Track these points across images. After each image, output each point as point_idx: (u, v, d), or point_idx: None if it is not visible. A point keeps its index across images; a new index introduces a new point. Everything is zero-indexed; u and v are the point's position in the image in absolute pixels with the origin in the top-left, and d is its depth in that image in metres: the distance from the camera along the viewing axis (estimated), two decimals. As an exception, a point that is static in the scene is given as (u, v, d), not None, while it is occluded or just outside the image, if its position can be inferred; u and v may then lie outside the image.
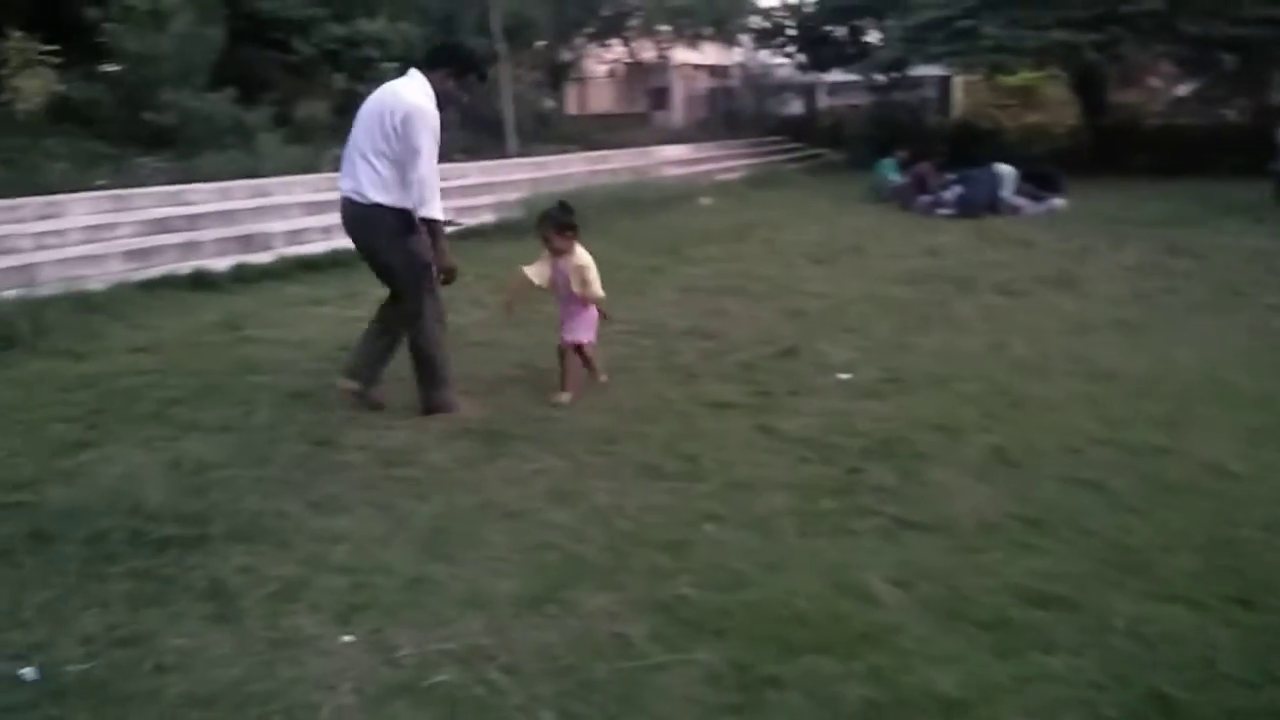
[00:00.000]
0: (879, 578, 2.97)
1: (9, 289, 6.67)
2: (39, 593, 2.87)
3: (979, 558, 3.13)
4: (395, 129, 4.19)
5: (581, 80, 26.49)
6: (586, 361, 4.95)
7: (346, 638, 2.68)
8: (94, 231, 8.38)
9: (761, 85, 27.35)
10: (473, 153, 14.12)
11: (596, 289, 4.73)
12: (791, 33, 24.22)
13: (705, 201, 13.90)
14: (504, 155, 14.64)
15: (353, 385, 4.61)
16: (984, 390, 4.89)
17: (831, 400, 4.77)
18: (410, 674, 2.52)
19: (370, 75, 13.89)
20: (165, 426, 4.38)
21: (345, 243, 8.51)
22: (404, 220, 4.32)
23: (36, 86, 11.51)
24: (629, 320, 6.45)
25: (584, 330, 4.83)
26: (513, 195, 11.77)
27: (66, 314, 6.35)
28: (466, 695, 2.43)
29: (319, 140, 12.21)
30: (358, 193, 4.32)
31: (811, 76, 25.63)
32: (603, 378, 5.01)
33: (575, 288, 4.72)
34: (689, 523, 3.41)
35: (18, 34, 11.42)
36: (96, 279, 7.38)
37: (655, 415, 4.56)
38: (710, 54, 26.17)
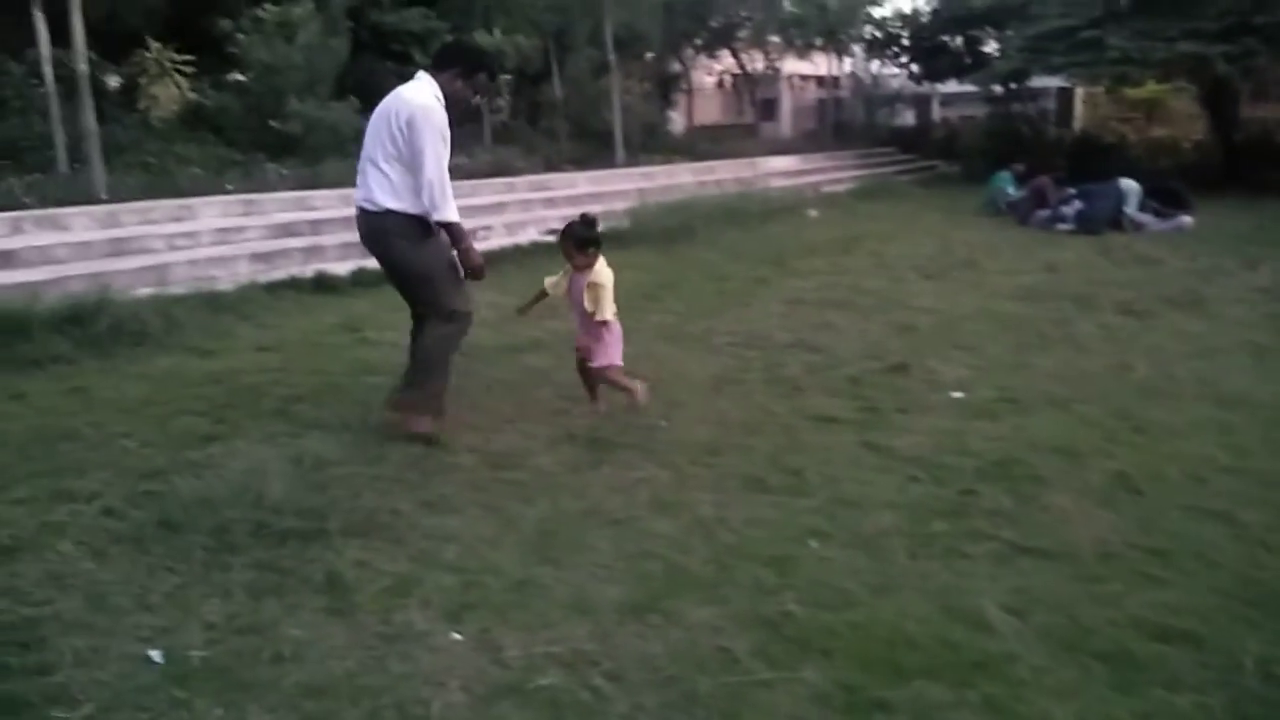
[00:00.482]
0: (993, 604, 2.87)
1: (143, 288, 7.05)
2: (167, 579, 3.02)
3: (1099, 587, 2.99)
4: (401, 131, 4.07)
5: (689, 91, 26.59)
6: (617, 385, 4.66)
7: (456, 635, 2.74)
8: (223, 234, 8.80)
9: (873, 96, 26.96)
10: (581, 163, 14.32)
11: (604, 309, 4.48)
12: (905, 43, 23.81)
13: (812, 213, 13.75)
14: (612, 165, 14.79)
15: (396, 417, 4.35)
16: (1105, 413, 4.69)
17: (943, 419, 4.65)
18: (517, 675, 2.55)
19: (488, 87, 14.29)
20: (288, 423, 4.55)
21: (498, 242, 8.68)
22: (419, 225, 4.17)
23: (172, 95, 12.17)
24: (735, 332, 6.43)
25: (607, 353, 4.57)
26: (619, 205, 11.87)
27: (196, 312, 6.67)
28: (571, 700, 2.44)
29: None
30: (369, 200, 4.17)
31: (925, 87, 25.14)
32: (639, 397, 4.64)
33: (588, 305, 4.50)
34: (793, 538, 3.37)
35: (155, 45, 12.09)
36: (225, 279, 7.74)
37: (759, 428, 4.52)
38: (821, 64, 25.93)
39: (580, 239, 4.50)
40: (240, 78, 12.81)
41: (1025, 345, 6.10)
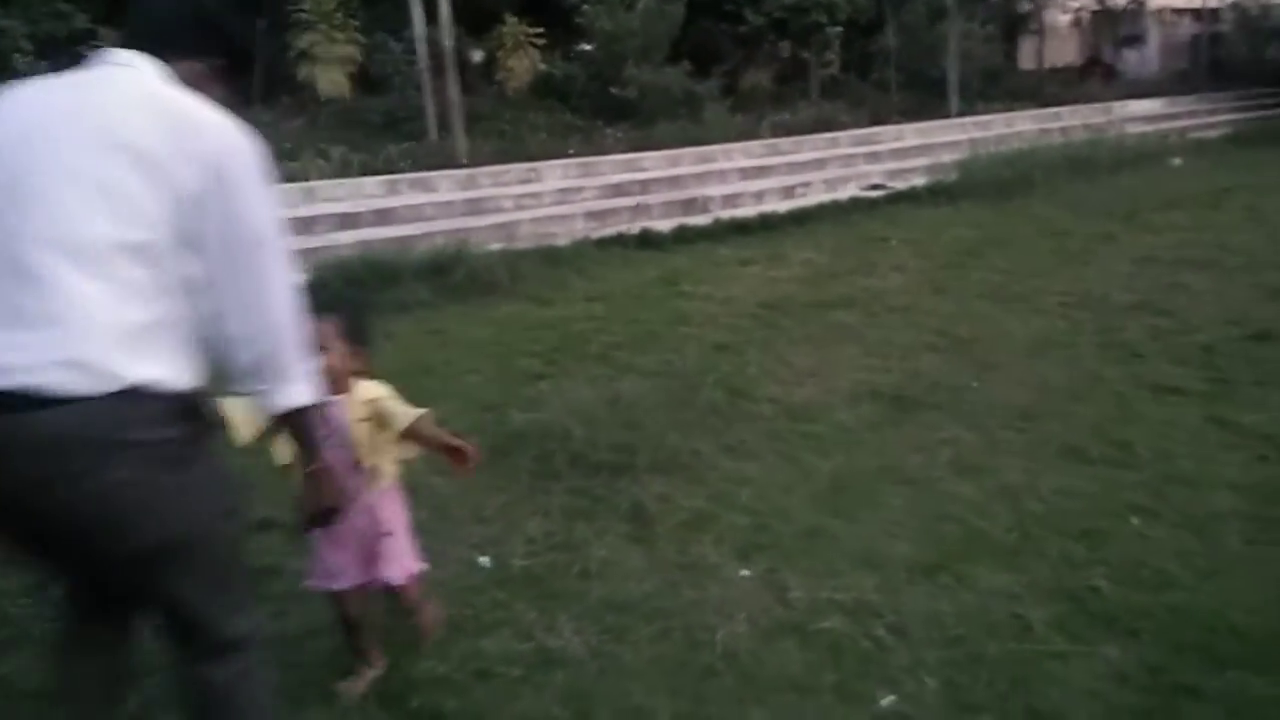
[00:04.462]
0: (1348, 603, 2.51)
1: (494, 243, 7.83)
2: (497, 497, 3.41)
3: None
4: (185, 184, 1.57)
5: (1040, 31, 24.57)
6: (416, 608, 2.56)
7: (744, 572, 2.86)
8: (563, 194, 9.51)
9: (1260, 28, 23.28)
10: (911, 114, 13.77)
11: (386, 451, 2.32)
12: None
13: (1176, 162, 12.27)
14: (944, 115, 14.09)
15: None
16: None
17: (1312, 395, 4.05)
18: (800, 615, 2.63)
19: (816, 41, 14.13)
20: (607, 367, 4.91)
21: (773, 206, 8.70)
22: (186, 428, 1.61)
23: (525, 66, 13.22)
24: (1068, 292, 5.96)
25: (398, 553, 2.38)
26: (949, 157, 11.32)
27: (537, 266, 7.30)
28: (852, 646, 2.48)
29: (759, 108, 12.69)
30: (54, 367, 1.47)
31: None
32: (435, 620, 2.61)
33: (361, 446, 2.27)
34: (1112, 513, 3.13)
35: (512, 20, 13.19)
36: (562, 236, 8.39)
37: (1085, 395, 4.20)
38: (1198, -6, 22.82)
39: (357, 327, 2.27)
40: (585, 47, 13.63)
41: None
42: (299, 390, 1.68)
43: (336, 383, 2.15)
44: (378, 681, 2.39)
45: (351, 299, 2.27)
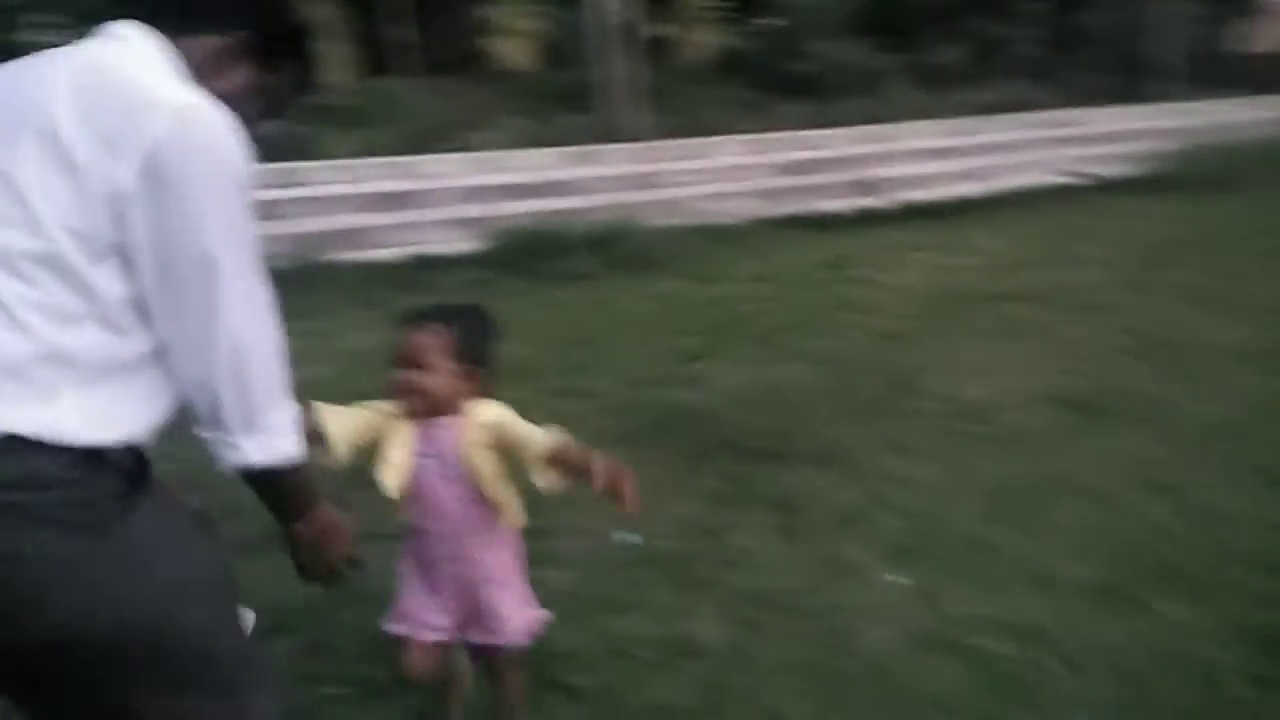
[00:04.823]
0: None
1: (662, 219, 7.79)
2: (647, 474, 3.34)
3: None
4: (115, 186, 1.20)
5: (1257, 13, 22.38)
6: (502, 669, 2.07)
7: (895, 578, 2.71)
8: (735, 171, 9.38)
9: None
10: (1113, 97, 12.82)
11: (543, 445, 1.81)
12: None
13: None
14: (1149, 99, 13.04)
15: None
16: None
17: None
18: (954, 630, 2.46)
19: (1014, 12, 13.33)
20: (768, 350, 4.78)
21: (956, 190, 8.30)
22: (109, 485, 1.23)
23: (707, 41, 13.13)
24: (1277, 299, 5.38)
25: (509, 610, 1.95)
26: (1151, 145, 10.46)
27: (703, 243, 7.23)
28: (1011, 670, 2.30)
29: (947, 86, 12.11)
30: None
31: None
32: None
33: (485, 488, 1.87)
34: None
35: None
36: (732, 214, 8.26)
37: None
38: None
39: (471, 344, 1.85)
40: (772, 21, 13.41)
41: None
42: (269, 446, 1.30)
43: (440, 407, 1.82)
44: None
45: (467, 310, 1.92)
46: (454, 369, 1.81)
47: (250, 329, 1.27)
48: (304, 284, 5.53)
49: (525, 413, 1.90)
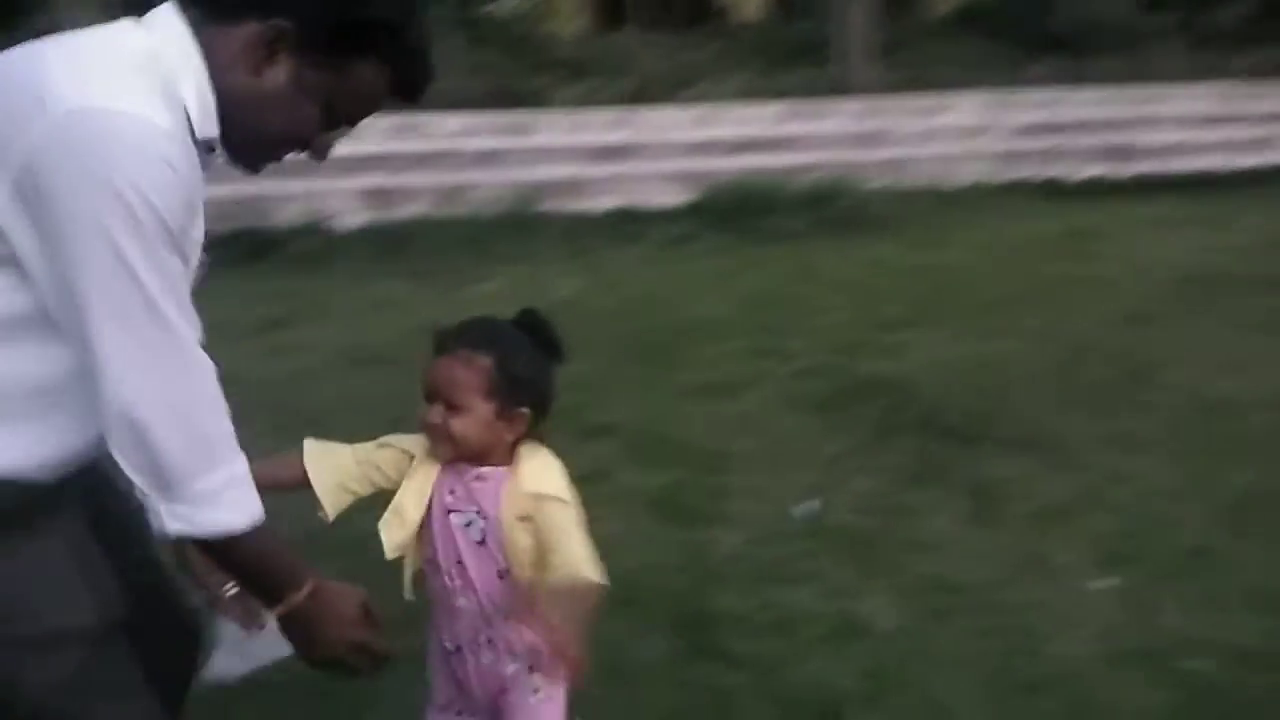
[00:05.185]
0: None
1: (883, 178, 7.43)
2: (833, 444, 3.23)
3: None
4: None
5: None
6: None
7: (1101, 583, 2.45)
8: (969, 131, 8.79)
9: None
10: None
11: (579, 561, 1.39)
12: None
13: None
14: None
15: None
16: None
17: None
18: (1164, 646, 2.20)
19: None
20: (982, 323, 4.46)
21: (1222, 162, 7.51)
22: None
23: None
24: None
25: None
26: None
27: (925, 206, 6.84)
28: (1227, 697, 2.04)
29: (1222, 48, 10.80)
30: None
31: None
32: None
33: (520, 562, 1.44)
34: None
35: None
36: (961, 176, 7.77)
37: None
38: None
39: (513, 376, 1.42)
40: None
41: None
42: (190, 517, 1.05)
43: (478, 456, 1.43)
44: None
45: (512, 328, 1.44)
46: (491, 410, 1.40)
47: (141, 394, 1.00)
48: (517, 233, 5.69)
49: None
